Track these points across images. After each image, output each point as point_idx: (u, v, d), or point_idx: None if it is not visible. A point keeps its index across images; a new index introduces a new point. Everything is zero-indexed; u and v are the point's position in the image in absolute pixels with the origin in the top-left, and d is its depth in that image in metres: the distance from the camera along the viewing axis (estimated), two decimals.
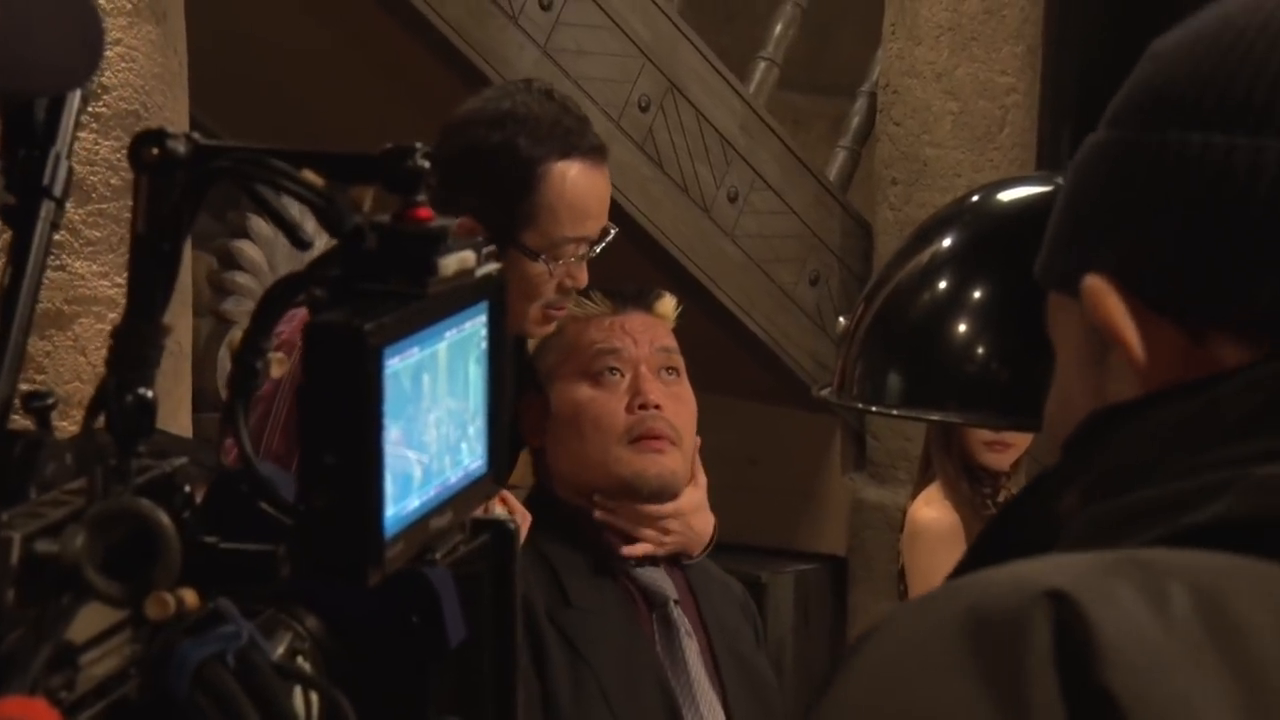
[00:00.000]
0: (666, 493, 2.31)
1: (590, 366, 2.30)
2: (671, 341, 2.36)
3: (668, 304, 2.40)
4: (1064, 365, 0.86)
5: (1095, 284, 0.80)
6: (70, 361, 2.27)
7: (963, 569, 0.84)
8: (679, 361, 2.36)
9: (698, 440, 2.38)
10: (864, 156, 4.47)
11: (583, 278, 2.19)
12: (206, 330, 2.98)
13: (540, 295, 2.17)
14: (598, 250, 2.19)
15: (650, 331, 2.34)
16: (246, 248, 3.02)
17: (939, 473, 2.98)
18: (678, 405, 2.32)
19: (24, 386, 0.89)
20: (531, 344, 2.35)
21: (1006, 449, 2.96)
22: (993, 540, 0.84)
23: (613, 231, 2.22)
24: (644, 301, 2.37)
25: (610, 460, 2.27)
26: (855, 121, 4.49)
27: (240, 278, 3.01)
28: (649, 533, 2.29)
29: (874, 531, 4.31)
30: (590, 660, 2.16)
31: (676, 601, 2.29)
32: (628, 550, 2.29)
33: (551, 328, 2.25)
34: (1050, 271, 0.87)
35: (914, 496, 3.05)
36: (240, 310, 3.01)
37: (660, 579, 2.30)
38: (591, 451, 2.28)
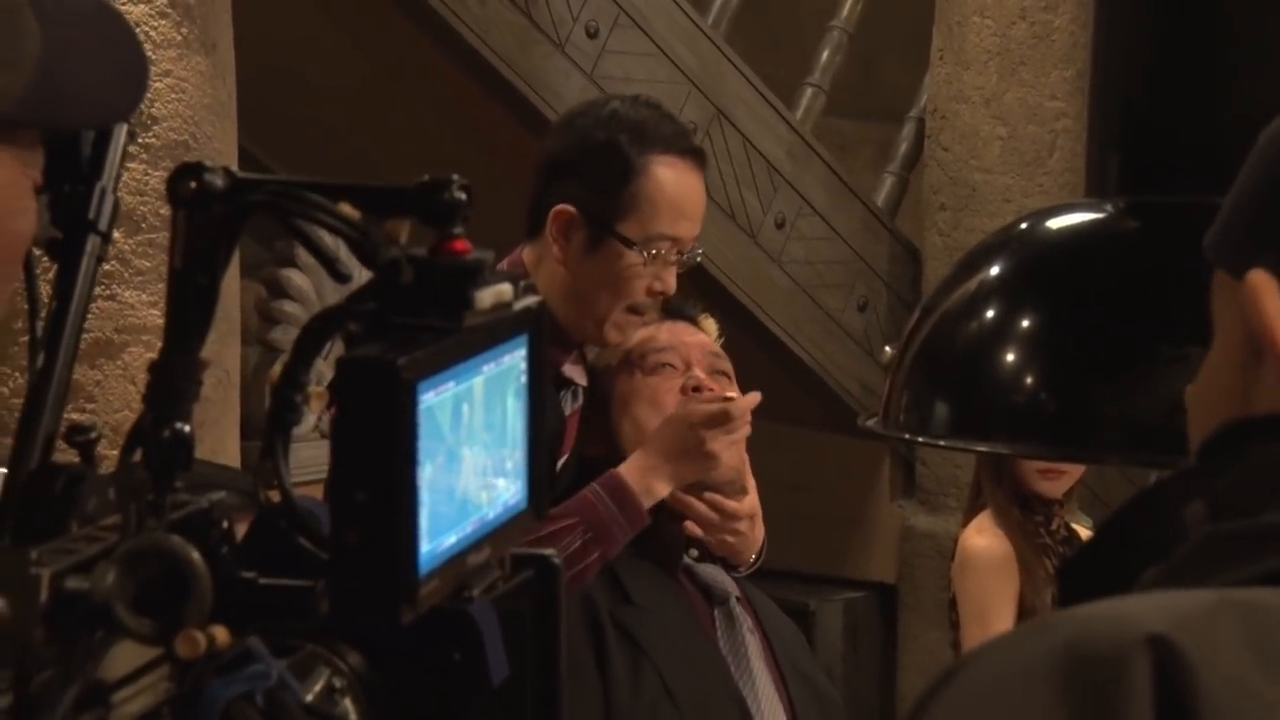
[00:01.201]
0: (735, 484, 2.30)
1: (643, 362, 2.33)
2: (720, 351, 2.40)
3: (711, 324, 2.44)
4: (1217, 355, 0.82)
5: (1258, 280, 0.76)
6: (120, 390, 2.28)
7: (1076, 566, 0.82)
8: (729, 369, 2.38)
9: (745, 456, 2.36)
10: (912, 182, 4.45)
11: (672, 283, 2.24)
12: (255, 358, 2.99)
13: (629, 294, 2.21)
14: (687, 259, 2.25)
15: (698, 337, 2.39)
16: (295, 276, 3.03)
17: (990, 501, 2.96)
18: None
19: (73, 416, 0.88)
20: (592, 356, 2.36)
21: (1060, 476, 2.93)
22: (1112, 535, 0.81)
23: (700, 251, 2.28)
24: (689, 315, 2.42)
25: None
26: (903, 147, 4.48)
27: (288, 306, 3.02)
28: (721, 529, 2.29)
29: (924, 559, 4.27)
30: (652, 656, 2.17)
31: (739, 598, 2.29)
32: (689, 529, 2.28)
33: (625, 339, 2.28)
34: (1221, 247, 0.82)
35: (965, 524, 3.02)
36: (288, 339, 3.02)
37: (720, 576, 2.30)
38: (649, 432, 2.27)
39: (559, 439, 2.26)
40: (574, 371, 2.28)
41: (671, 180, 2.22)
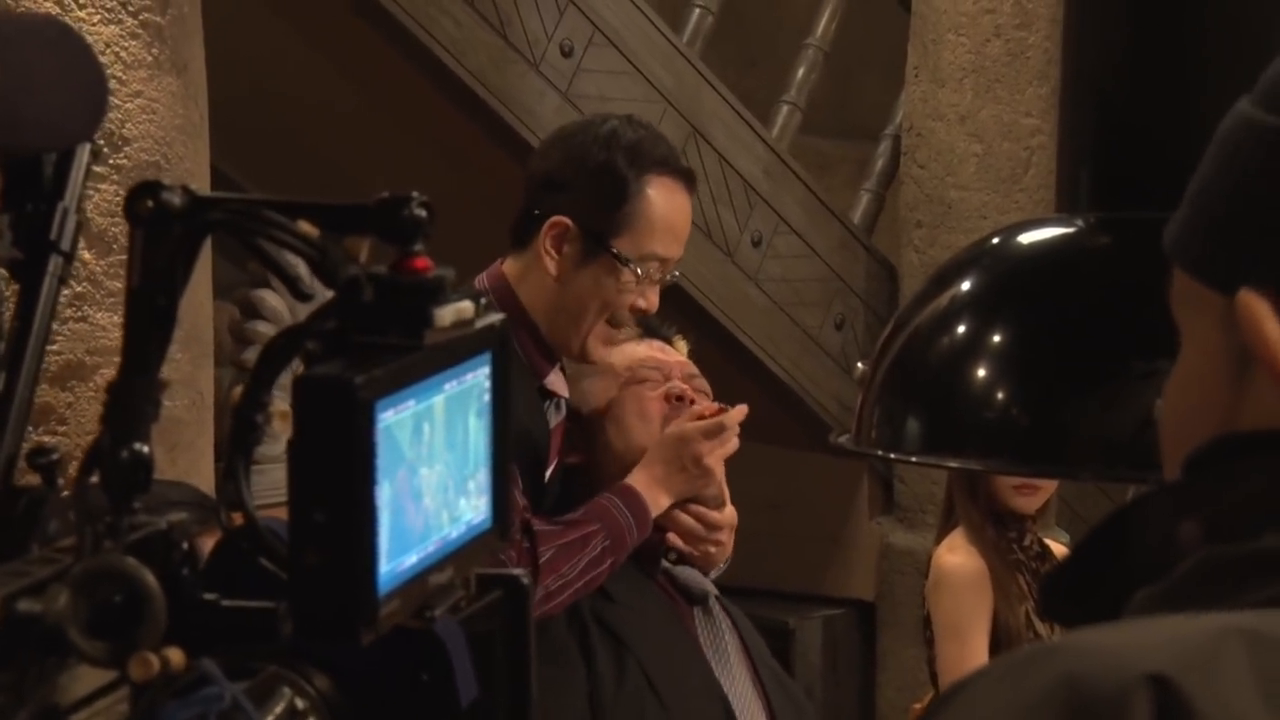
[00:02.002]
0: (718, 496, 2.36)
1: (627, 375, 2.38)
2: (697, 371, 2.46)
3: (683, 345, 2.51)
4: (1191, 364, 0.79)
5: (1254, 305, 0.73)
6: (92, 412, 2.27)
7: (1058, 582, 0.79)
8: (707, 389, 2.45)
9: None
10: (888, 199, 4.46)
11: (655, 301, 2.29)
12: (229, 380, 2.97)
13: (617, 307, 2.25)
14: (669, 279, 2.30)
15: (673, 355, 2.46)
16: (268, 297, 3.02)
17: (962, 518, 2.95)
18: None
19: (44, 438, 0.88)
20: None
21: (1034, 492, 2.93)
22: (1093, 551, 0.78)
23: (679, 272, 2.34)
24: (664, 335, 2.49)
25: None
26: (879, 164, 4.48)
27: (262, 327, 3.00)
28: (705, 540, 2.33)
29: (903, 576, 4.27)
30: (635, 651, 2.21)
31: (718, 597, 2.34)
32: (672, 540, 2.33)
33: (606, 355, 2.31)
34: (1189, 251, 0.78)
35: (938, 542, 3.01)
36: None
37: (698, 577, 2.35)
38: (634, 444, 2.33)
39: (545, 450, 2.29)
40: (556, 383, 2.29)
41: (665, 201, 2.26)
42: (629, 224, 2.23)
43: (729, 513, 2.36)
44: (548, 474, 2.30)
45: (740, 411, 2.30)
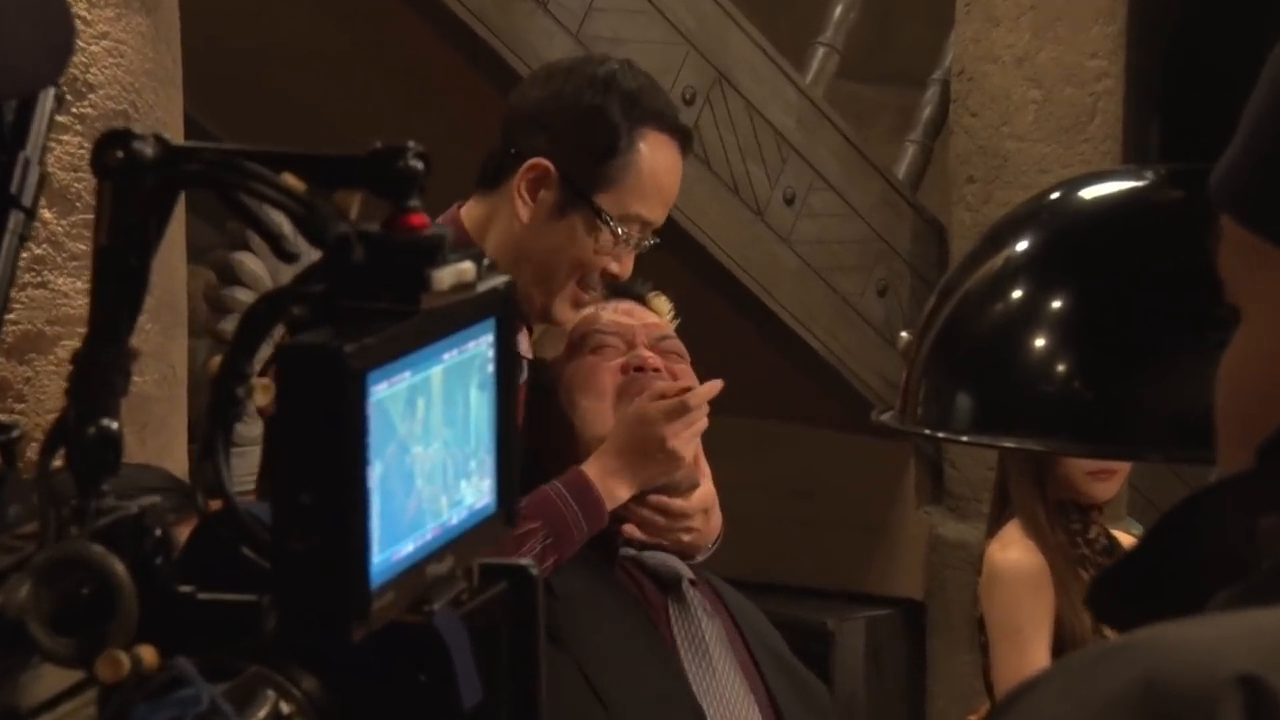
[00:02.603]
0: (686, 481, 2.33)
1: (581, 344, 2.36)
2: (670, 331, 2.42)
3: (662, 302, 2.46)
4: (1257, 334, 0.78)
5: None
6: (53, 388, 2.28)
7: (1112, 579, 0.79)
8: (682, 350, 2.40)
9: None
10: (936, 152, 4.45)
11: (629, 268, 2.29)
12: (205, 354, 2.99)
13: (589, 268, 2.25)
14: (645, 245, 2.29)
15: (646, 316, 2.41)
16: (248, 260, 3.03)
17: (1019, 508, 2.93)
18: (682, 381, 2.35)
19: (1, 416, 0.88)
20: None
21: (1111, 477, 2.91)
22: (1158, 544, 0.78)
23: (656, 240, 2.32)
24: (637, 293, 2.44)
25: (609, 430, 2.28)
26: (926, 113, 4.48)
27: (241, 294, 3.02)
28: (669, 530, 2.31)
29: (954, 572, 4.27)
30: (575, 652, 2.16)
31: (693, 581, 2.30)
32: (628, 532, 2.30)
33: (572, 318, 2.31)
34: (1247, 202, 0.78)
35: (990, 535, 3.00)
36: None
37: (670, 560, 2.31)
38: (587, 424, 2.30)
39: None
40: (519, 342, 2.28)
41: (658, 160, 2.26)
42: (616, 179, 2.23)
43: (702, 495, 2.34)
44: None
45: (711, 388, 2.27)
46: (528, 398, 2.31)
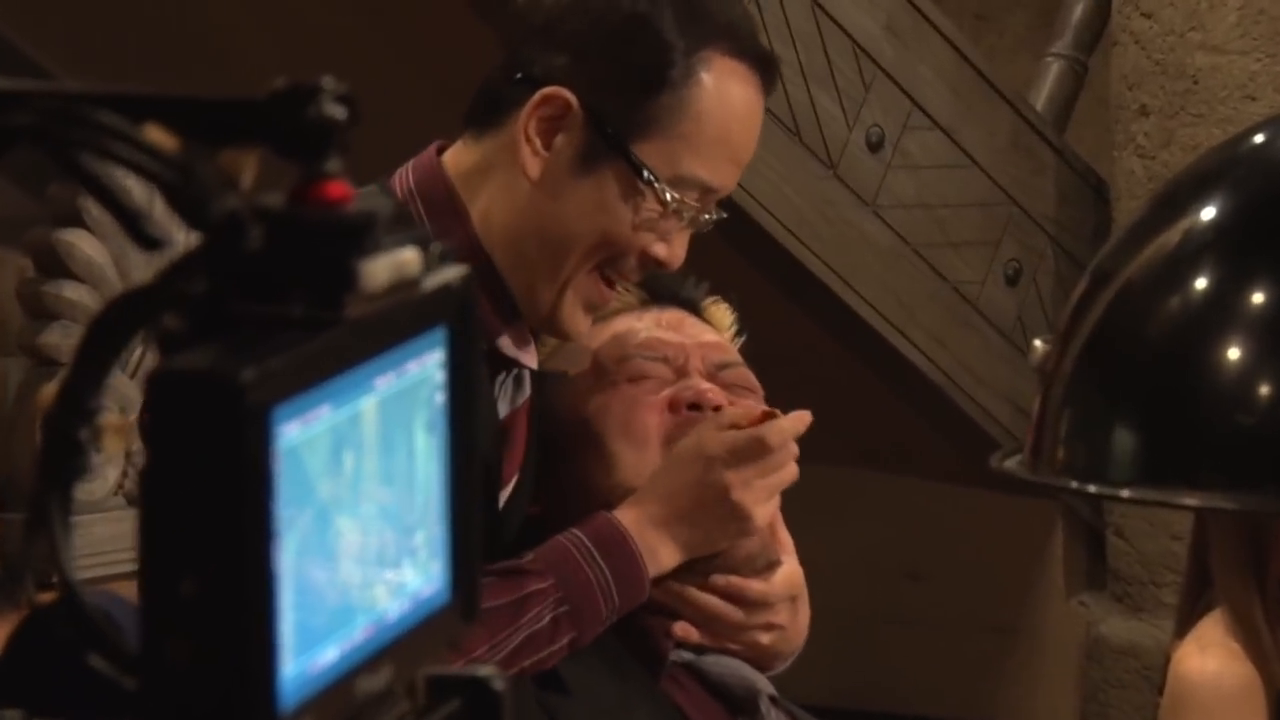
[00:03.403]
0: (762, 555, 2.36)
1: (619, 367, 2.38)
2: (735, 357, 2.45)
3: (722, 313, 2.50)
4: None
5: None
6: None
7: None
8: (753, 383, 2.43)
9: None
10: (1093, 71, 4.47)
11: (680, 253, 2.29)
12: (17, 376, 3.02)
13: (622, 250, 2.26)
14: (704, 222, 2.31)
15: (699, 332, 2.44)
16: (81, 242, 3.05)
17: (1223, 597, 2.95)
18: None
19: None
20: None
21: None
22: None
23: (722, 215, 2.34)
24: (688, 298, 2.48)
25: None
26: (1077, 12, 4.50)
27: (71, 291, 3.04)
28: (742, 628, 2.34)
29: (1122, 691, 4.29)
30: None
31: (774, 699, 2.35)
32: (681, 633, 2.33)
33: (586, 326, 2.33)
34: None
35: (1179, 636, 3.02)
36: (71, 346, 3.05)
37: (741, 668, 2.35)
38: (622, 480, 2.33)
39: (498, 446, 2.27)
40: (517, 348, 2.29)
41: (728, 98, 2.28)
42: (666, 122, 2.25)
43: (786, 576, 2.37)
44: (505, 492, 2.30)
45: (799, 420, 2.30)
46: (530, 434, 2.33)
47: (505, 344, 2.27)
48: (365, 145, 0.91)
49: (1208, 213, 1.44)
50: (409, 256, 0.83)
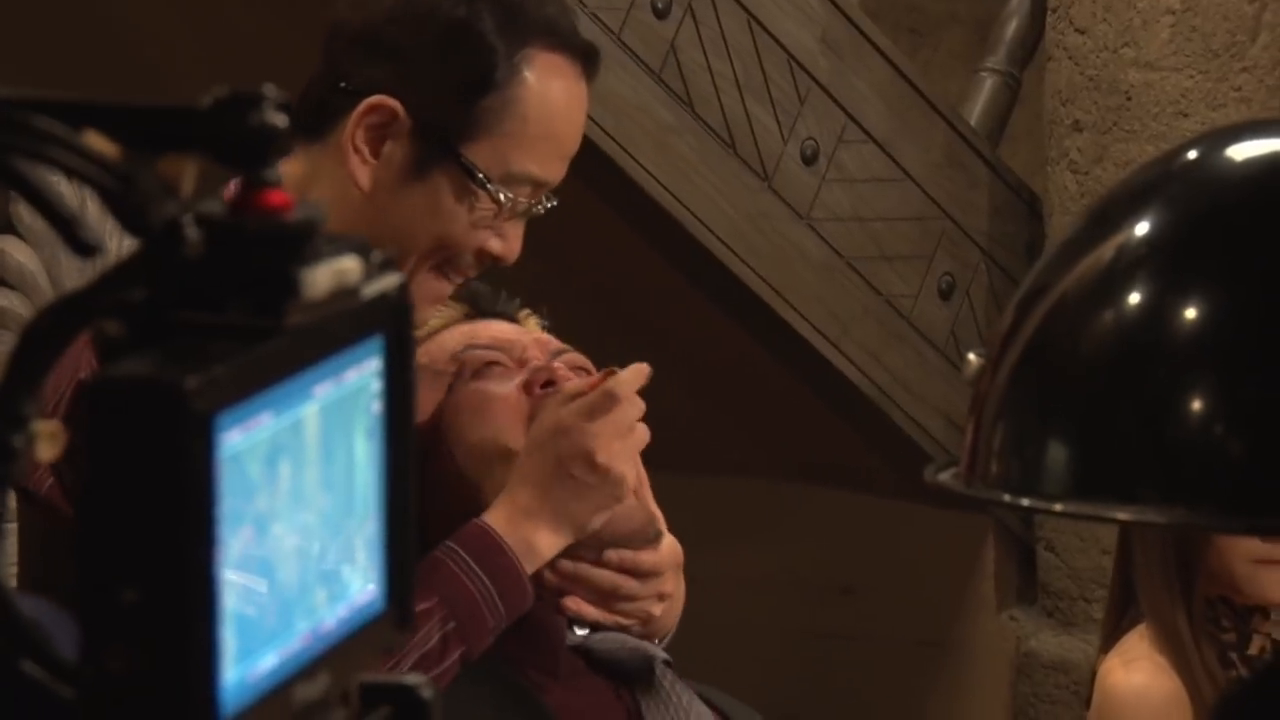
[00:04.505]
0: (650, 527, 2.37)
1: (460, 368, 2.39)
2: (569, 348, 2.47)
3: (532, 323, 2.52)
4: None
5: None
6: None
7: (1249, 703, 0.81)
8: (588, 365, 2.44)
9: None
10: (1026, 85, 4.49)
11: (516, 246, 2.32)
12: None
13: (458, 248, 2.29)
14: (533, 211, 2.33)
15: (531, 333, 2.47)
16: (12, 248, 3.05)
17: (1149, 612, 2.96)
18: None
19: None
20: None
21: None
22: None
23: (553, 202, 2.36)
24: (505, 313, 2.51)
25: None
26: (1012, 27, 4.51)
27: (1, 298, 3.04)
28: (636, 600, 2.35)
29: (1052, 706, 4.30)
30: None
31: (668, 662, 2.35)
32: (574, 608, 2.34)
33: (436, 314, 2.37)
34: None
35: (1104, 650, 3.03)
36: (2, 350, 3.05)
37: (628, 639, 2.36)
38: (486, 467, 2.34)
39: None
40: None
41: (553, 93, 2.31)
42: (492, 124, 2.28)
43: (670, 546, 2.39)
44: None
45: (639, 371, 2.30)
46: None
47: None
48: None
49: (1141, 228, 1.45)
50: (349, 265, 0.84)
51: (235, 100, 0.84)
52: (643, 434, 2.31)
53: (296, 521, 0.82)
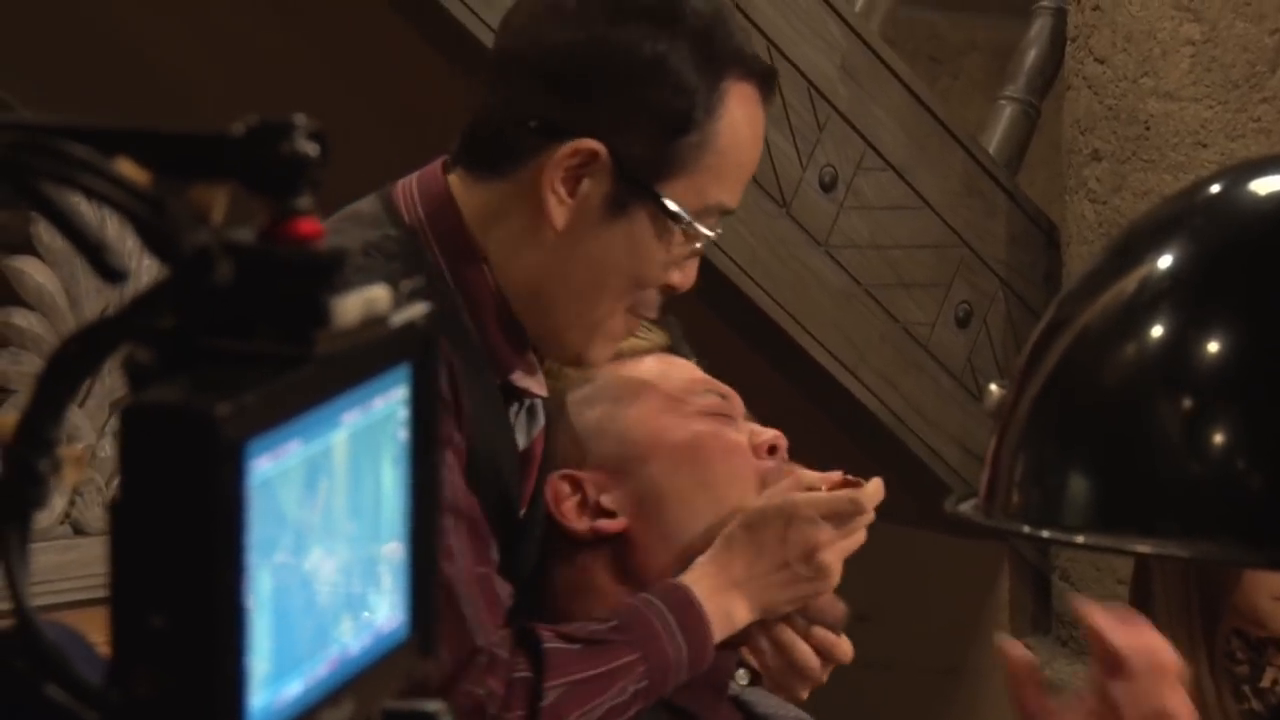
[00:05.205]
0: (844, 616, 2.40)
1: (687, 402, 2.40)
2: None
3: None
4: None
5: None
6: None
7: None
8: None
9: None
10: (1046, 115, 4.49)
11: (693, 277, 2.32)
12: None
13: (650, 284, 2.28)
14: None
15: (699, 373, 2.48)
16: (32, 270, 3.06)
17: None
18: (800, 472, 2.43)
19: None
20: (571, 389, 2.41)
21: None
22: None
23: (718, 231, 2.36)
24: (684, 354, 2.51)
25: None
26: (1031, 56, 4.51)
27: (21, 318, 3.04)
28: (823, 672, 2.38)
29: None
30: None
31: None
32: (755, 660, 2.37)
33: (610, 353, 2.35)
34: None
35: None
36: (23, 372, 3.05)
37: (786, 705, 2.41)
38: (720, 499, 2.35)
39: (515, 481, 2.28)
40: (528, 379, 2.29)
41: (746, 124, 2.30)
42: (691, 160, 2.26)
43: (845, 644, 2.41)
44: (521, 516, 2.30)
45: (878, 487, 2.35)
46: (544, 461, 2.35)
47: (518, 377, 2.28)
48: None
49: (1164, 261, 1.45)
50: (378, 294, 0.85)
51: (267, 129, 0.84)
52: (861, 539, 2.34)
53: (324, 548, 0.82)
